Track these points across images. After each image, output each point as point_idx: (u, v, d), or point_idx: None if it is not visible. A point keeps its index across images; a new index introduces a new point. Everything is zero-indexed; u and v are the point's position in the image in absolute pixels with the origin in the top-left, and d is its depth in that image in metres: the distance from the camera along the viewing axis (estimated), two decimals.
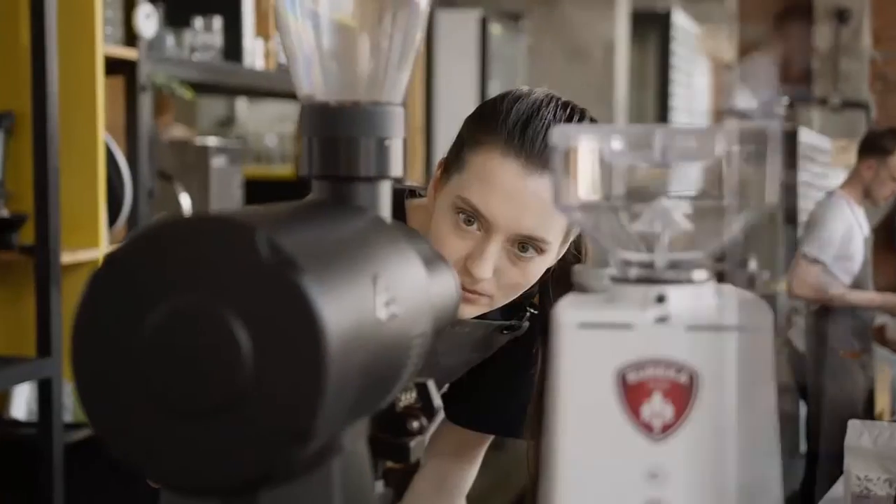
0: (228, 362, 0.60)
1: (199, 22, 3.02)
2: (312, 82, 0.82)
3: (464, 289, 1.20)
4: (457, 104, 3.79)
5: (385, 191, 0.82)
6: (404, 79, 0.83)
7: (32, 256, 2.36)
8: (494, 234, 1.18)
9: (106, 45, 2.57)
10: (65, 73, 2.45)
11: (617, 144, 0.69)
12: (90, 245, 2.50)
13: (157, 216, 2.76)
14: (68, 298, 2.37)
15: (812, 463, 4.05)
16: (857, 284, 4.07)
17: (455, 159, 1.22)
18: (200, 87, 3.16)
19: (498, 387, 1.40)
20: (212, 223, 0.62)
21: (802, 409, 4.42)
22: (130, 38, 2.69)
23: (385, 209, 0.81)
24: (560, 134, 0.70)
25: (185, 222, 0.62)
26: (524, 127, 1.19)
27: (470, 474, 1.52)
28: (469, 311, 1.25)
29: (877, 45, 9.88)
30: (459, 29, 4.81)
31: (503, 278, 1.21)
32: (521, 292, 1.24)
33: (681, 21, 7.70)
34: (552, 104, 1.22)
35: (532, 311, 1.35)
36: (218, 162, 3.01)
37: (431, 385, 0.85)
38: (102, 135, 2.51)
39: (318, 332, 0.60)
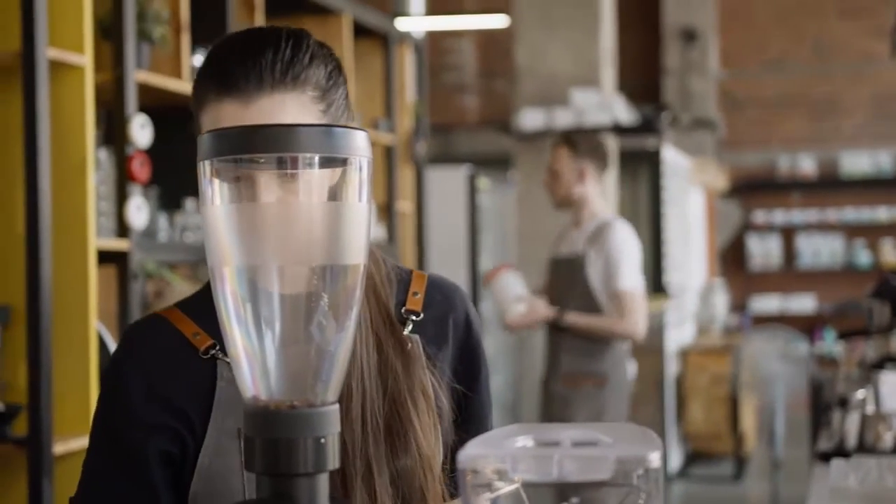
0: None
1: (190, 203, 3.15)
2: (256, 386, 0.90)
3: None
4: (449, 258, 3.89)
5: (323, 483, 0.89)
6: (338, 378, 0.91)
7: (25, 448, 2.43)
8: None
9: (99, 238, 2.68)
10: (59, 267, 2.55)
11: (519, 465, 0.77)
12: (82, 433, 2.57)
13: None
14: (60, 490, 2.43)
15: None
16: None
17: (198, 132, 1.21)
18: (194, 264, 3.27)
19: None
20: None
21: None
22: (123, 227, 2.81)
23: (322, 501, 0.89)
24: (465, 457, 0.77)
25: None
26: (223, 63, 1.18)
27: None
28: None
29: (724, 65, 10.11)
30: (449, 184, 4.94)
31: None
32: None
33: (671, 157, 7.87)
34: (245, 34, 1.22)
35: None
36: None
37: None
38: (95, 325, 2.60)
39: None
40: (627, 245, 3.89)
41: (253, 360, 0.90)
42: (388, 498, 1.21)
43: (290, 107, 1.18)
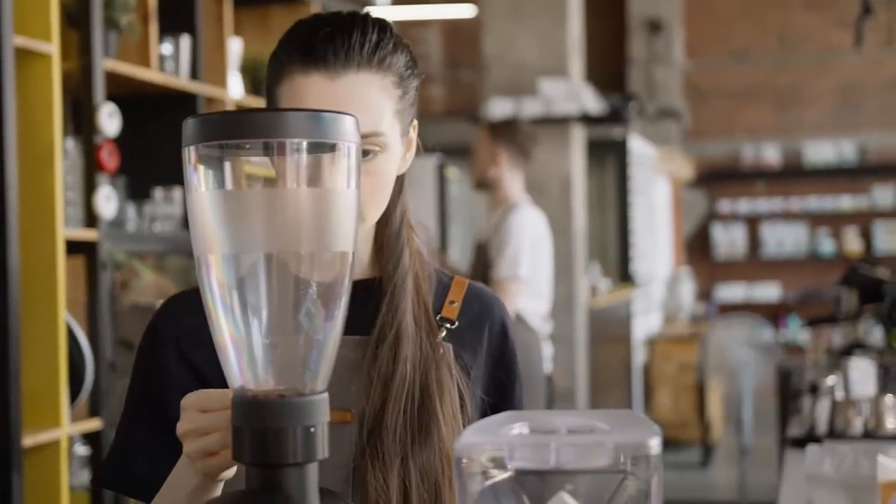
0: None
1: (158, 193, 3.12)
2: (244, 375, 0.89)
3: None
4: None
5: (312, 474, 0.88)
6: (327, 367, 0.90)
7: None
8: None
9: (67, 228, 2.64)
10: (26, 258, 2.51)
11: (516, 453, 0.76)
12: (52, 425, 2.54)
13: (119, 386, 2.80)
14: (30, 483, 2.39)
15: None
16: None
17: (271, 105, 1.23)
18: (162, 254, 3.24)
19: None
20: None
21: None
22: (91, 217, 2.77)
23: (312, 492, 0.87)
24: (462, 445, 0.76)
25: None
26: (311, 37, 1.22)
27: None
28: None
29: (689, 56, 10.19)
30: (417, 174, 4.92)
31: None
32: (384, 197, 1.23)
33: (637, 146, 7.90)
34: (332, 14, 1.28)
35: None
36: None
37: None
38: (63, 316, 2.56)
39: None
40: (517, 231, 3.79)
41: (240, 348, 0.88)
42: (415, 488, 1.20)
43: (374, 87, 1.21)
